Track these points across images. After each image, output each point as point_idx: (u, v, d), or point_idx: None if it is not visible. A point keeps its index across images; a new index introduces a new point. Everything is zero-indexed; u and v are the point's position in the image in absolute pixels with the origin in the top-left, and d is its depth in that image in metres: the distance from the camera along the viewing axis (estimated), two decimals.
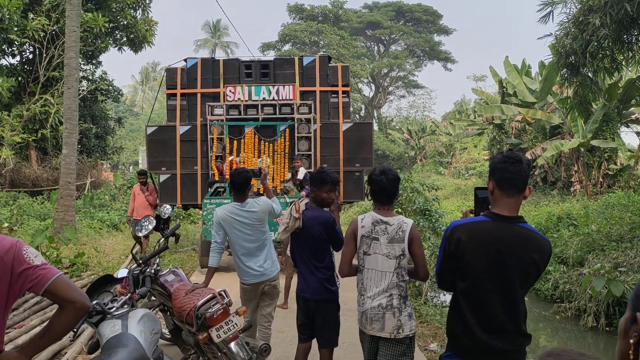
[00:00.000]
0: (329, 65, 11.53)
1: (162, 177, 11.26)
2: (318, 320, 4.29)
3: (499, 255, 2.56)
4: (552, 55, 13.67)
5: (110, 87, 22.97)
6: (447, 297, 10.00)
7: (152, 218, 4.90)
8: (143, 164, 37.16)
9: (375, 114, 51.45)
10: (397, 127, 48.90)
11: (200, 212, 11.24)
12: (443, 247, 2.70)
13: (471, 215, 2.86)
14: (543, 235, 2.66)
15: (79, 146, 13.31)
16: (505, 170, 2.58)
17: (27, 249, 2.09)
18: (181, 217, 18.13)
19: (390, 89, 53.71)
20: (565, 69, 10.35)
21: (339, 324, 4.37)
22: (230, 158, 10.73)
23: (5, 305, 2.08)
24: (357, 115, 49.15)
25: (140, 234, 4.87)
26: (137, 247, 10.92)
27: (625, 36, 10.01)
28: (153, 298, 5.12)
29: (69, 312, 2.09)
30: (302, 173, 10.56)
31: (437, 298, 9.90)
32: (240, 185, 4.86)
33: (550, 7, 10.26)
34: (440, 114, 61.31)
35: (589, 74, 10.41)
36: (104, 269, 10.02)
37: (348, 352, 5.62)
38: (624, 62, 11.20)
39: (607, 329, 8.43)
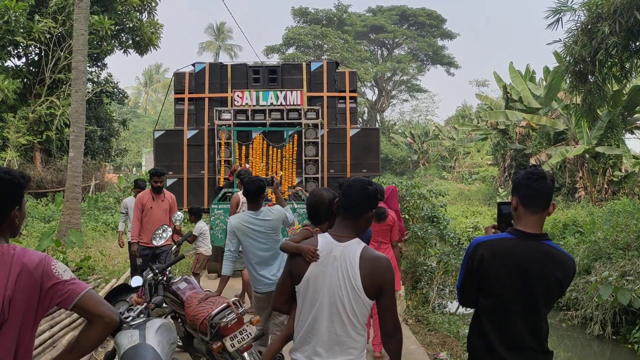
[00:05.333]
0: (337, 71, 11.56)
1: (169, 181, 11.27)
2: None
3: (522, 273, 2.55)
4: (557, 62, 13.69)
5: (115, 90, 23.00)
6: (453, 305, 9.98)
7: (166, 226, 4.89)
8: (147, 167, 37.15)
9: (378, 118, 51.50)
10: (400, 131, 48.96)
11: (207, 216, 11.21)
12: (465, 264, 2.69)
13: (494, 230, 2.86)
14: (567, 253, 2.65)
15: (84, 148, 13.32)
16: (529, 187, 2.57)
17: (56, 264, 2.10)
18: (185, 220, 18.13)
19: (394, 92, 53.75)
20: (573, 77, 10.35)
21: None
22: (239, 167, 10.71)
23: (34, 320, 2.08)
24: (360, 119, 49.20)
25: (155, 243, 4.84)
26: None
27: (633, 44, 10.03)
28: (165, 305, 5.12)
29: (98, 327, 2.09)
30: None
31: (444, 306, 9.89)
32: (254, 193, 4.86)
33: (559, 15, 10.28)
34: (444, 118, 61.33)
35: (597, 82, 10.41)
36: (110, 272, 10.02)
37: None
38: (631, 70, 11.21)
39: (614, 337, 8.42)
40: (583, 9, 9.98)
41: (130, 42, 21.13)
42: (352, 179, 2.80)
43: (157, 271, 4.45)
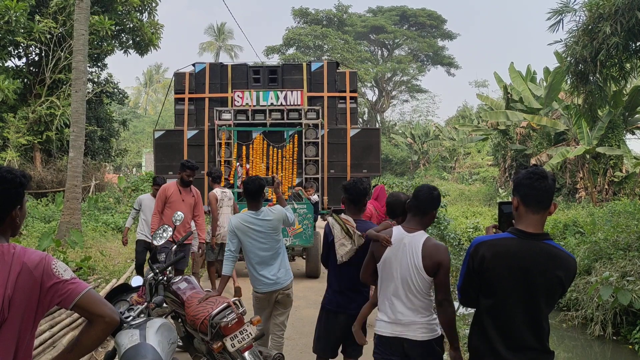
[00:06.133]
0: (337, 71, 11.55)
1: (169, 181, 11.24)
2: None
3: (524, 273, 2.55)
4: (558, 63, 13.68)
5: (115, 90, 23.00)
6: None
7: (167, 226, 4.87)
8: (147, 167, 37.14)
9: (379, 118, 51.50)
10: (400, 132, 48.95)
11: (208, 216, 11.18)
12: (466, 264, 2.68)
13: (494, 230, 2.85)
14: (569, 252, 2.64)
15: (84, 148, 13.31)
16: (531, 187, 2.56)
17: (56, 263, 2.09)
18: None
19: (394, 93, 53.77)
20: (574, 77, 10.34)
21: None
22: (239, 170, 10.67)
23: (34, 320, 2.08)
24: (360, 119, 49.19)
25: (156, 243, 4.82)
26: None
27: (633, 44, 10.02)
28: (165, 305, 5.11)
29: (98, 327, 2.09)
30: (314, 200, 10.53)
31: None
32: (254, 193, 4.85)
33: (560, 16, 10.27)
34: (444, 118, 61.32)
35: (598, 82, 10.40)
36: (110, 272, 10.01)
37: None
38: (631, 71, 11.21)
39: (614, 338, 8.39)
40: (584, 9, 9.98)
41: (131, 42, 21.11)
42: (420, 185, 3.69)
43: (157, 271, 4.44)
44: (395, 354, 3.43)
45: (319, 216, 10.78)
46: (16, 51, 19.38)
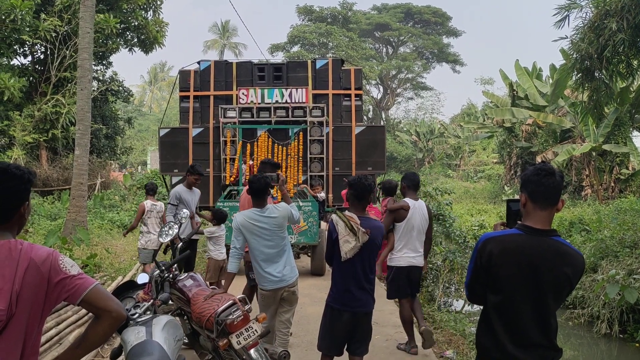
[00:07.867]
0: (342, 68, 11.51)
1: (175, 179, 11.27)
2: (360, 331, 4.30)
3: (531, 269, 2.53)
4: (564, 60, 13.60)
5: (120, 88, 23.05)
6: (459, 304, 9.95)
7: (172, 223, 4.87)
8: (152, 165, 37.21)
9: (384, 116, 51.39)
10: (405, 129, 48.88)
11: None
12: (474, 260, 2.67)
13: (502, 227, 2.84)
14: (577, 249, 2.63)
15: (89, 146, 13.33)
16: (539, 183, 2.55)
17: (64, 259, 2.10)
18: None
19: (399, 90, 53.65)
20: (580, 74, 10.29)
21: None
22: (243, 167, 10.66)
23: (41, 316, 2.08)
24: (365, 117, 49.09)
25: (162, 240, 4.81)
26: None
27: None
28: (170, 302, 5.12)
29: (105, 322, 2.09)
30: (321, 198, 10.51)
31: (449, 304, 9.86)
32: (259, 191, 4.85)
33: (567, 12, 10.21)
34: (449, 116, 61.12)
35: (604, 79, 10.33)
36: (116, 270, 10.04)
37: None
38: (638, 67, 11.13)
39: (621, 336, 8.36)
40: (591, 5, 9.92)
41: (136, 40, 21.17)
42: (408, 172, 6.43)
43: (163, 268, 4.45)
44: (405, 279, 5.84)
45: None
46: (22, 49, 19.47)
